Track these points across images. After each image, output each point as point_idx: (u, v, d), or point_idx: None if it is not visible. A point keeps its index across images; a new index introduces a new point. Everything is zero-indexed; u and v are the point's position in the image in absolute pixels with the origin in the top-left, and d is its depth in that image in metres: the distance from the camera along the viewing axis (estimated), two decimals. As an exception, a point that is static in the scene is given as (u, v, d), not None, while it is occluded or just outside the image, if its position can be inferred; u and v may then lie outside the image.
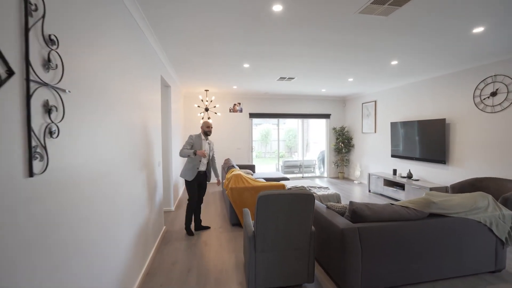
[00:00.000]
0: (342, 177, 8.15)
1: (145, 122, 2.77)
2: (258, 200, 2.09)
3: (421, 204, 2.44)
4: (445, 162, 4.75)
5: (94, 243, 1.52)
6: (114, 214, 1.84)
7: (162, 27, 2.83)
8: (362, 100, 7.38)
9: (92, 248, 1.50)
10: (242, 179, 4.05)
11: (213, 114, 7.31)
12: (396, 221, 2.33)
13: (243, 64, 4.29)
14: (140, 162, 2.56)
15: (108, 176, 1.75)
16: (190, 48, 3.50)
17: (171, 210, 4.71)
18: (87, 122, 1.46)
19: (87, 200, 1.45)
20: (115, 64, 1.90)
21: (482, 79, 4.19)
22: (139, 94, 2.56)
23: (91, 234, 1.49)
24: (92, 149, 1.52)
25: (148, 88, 2.94)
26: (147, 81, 2.90)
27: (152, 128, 3.13)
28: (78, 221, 1.34)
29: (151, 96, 3.07)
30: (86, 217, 1.43)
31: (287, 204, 2.13)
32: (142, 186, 2.61)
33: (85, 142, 1.44)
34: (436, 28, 2.85)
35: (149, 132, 2.94)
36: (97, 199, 1.57)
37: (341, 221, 2.31)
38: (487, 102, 4.13)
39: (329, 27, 2.83)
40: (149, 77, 2.98)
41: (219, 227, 3.92)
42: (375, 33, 2.99)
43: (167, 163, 4.64)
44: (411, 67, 4.42)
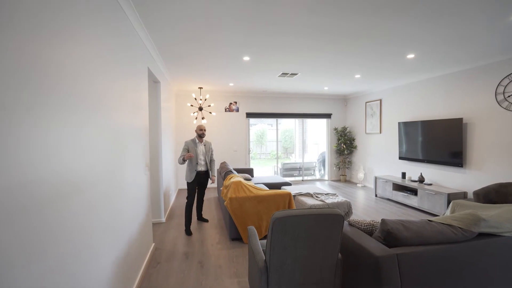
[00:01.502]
0: (344, 180, 7.74)
1: (128, 124, 2.25)
2: (273, 223, 1.61)
3: (467, 222, 2.00)
4: (462, 165, 4.37)
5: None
6: (87, 248, 1.33)
7: (149, 10, 2.32)
8: (366, 99, 6.98)
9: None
10: (242, 187, 3.56)
11: (208, 113, 6.79)
12: (441, 244, 1.89)
13: (242, 57, 3.80)
14: (122, 170, 2.05)
15: (83, 191, 1.24)
16: (182, 35, 3.00)
17: (162, 221, 4.18)
18: (54, 125, 0.95)
19: (54, 224, 0.94)
20: (81, 48, 1.39)
21: (506, 75, 3.81)
22: (120, 89, 2.04)
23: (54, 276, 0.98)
24: (58, 157, 1.01)
25: (132, 82, 2.43)
26: (130, 72, 2.39)
27: (138, 130, 2.61)
28: (36, 262, 0.83)
29: (136, 92, 2.55)
30: (44, 253, 0.92)
31: (310, 227, 1.65)
32: (125, 198, 2.09)
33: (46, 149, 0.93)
34: (466, 14, 2.43)
35: (134, 135, 2.43)
36: (67, 222, 1.06)
37: (373, 245, 1.85)
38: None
39: (344, 10, 2.37)
40: (133, 68, 2.46)
41: (217, 243, 3.42)
42: (394, 19, 2.54)
43: (156, 169, 4.11)
44: (428, 61, 4.01)
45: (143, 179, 2.86)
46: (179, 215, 4.58)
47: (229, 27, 2.74)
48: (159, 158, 4.12)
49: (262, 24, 2.68)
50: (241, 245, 3.34)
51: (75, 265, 1.29)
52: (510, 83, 3.77)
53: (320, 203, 3.92)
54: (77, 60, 1.35)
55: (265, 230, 3.48)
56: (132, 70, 2.44)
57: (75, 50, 1.33)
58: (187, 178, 3.87)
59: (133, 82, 2.50)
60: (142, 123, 2.86)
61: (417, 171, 5.32)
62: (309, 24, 2.68)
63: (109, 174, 1.80)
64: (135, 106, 2.53)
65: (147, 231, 2.98)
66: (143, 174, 2.85)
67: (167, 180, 4.72)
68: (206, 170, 3.99)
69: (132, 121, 2.45)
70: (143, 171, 2.86)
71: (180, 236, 3.63)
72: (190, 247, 3.30)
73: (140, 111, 2.78)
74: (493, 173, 4.01)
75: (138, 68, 2.68)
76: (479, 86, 4.16)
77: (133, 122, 2.47)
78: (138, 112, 2.69)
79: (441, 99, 4.81)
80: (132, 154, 2.43)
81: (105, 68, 1.77)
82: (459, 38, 3.08)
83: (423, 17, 2.52)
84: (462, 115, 4.42)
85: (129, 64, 2.36)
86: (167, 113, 4.93)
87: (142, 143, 2.84)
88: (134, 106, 2.49)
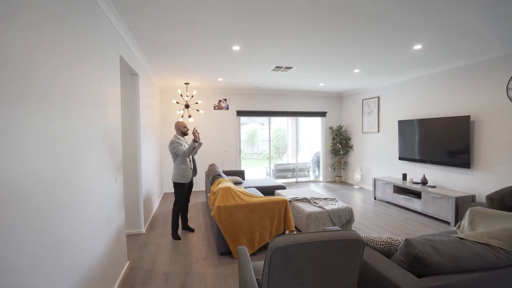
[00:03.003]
0: (339, 181, 7.40)
1: (90, 123, 1.78)
2: (271, 254, 1.18)
3: (508, 240, 1.62)
4: (469, 166, 4.06)
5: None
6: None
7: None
8: (363, 97, 6.65)
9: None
10: (232, 194, 3.12)
11: (195, 111, 6.30)
12: (482, 271, 1.50)
13: (232, 46, 3.36)
14: (79, 179, 1.57)
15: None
16: (161, 18, 2.53)
17: (141, 232, 3.69)
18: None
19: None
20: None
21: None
22: (73, 80, 1.57)
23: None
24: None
25: (96, 72, 1.95)
26: (91, 60, 1.91)
27: (106, 130, 2.14)
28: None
29: (102, 85, 2.07)
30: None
31: (321, 257, 1.23)
32: (83, 213, 1.62)
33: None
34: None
35: (99, 136, 1.95)
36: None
37: (398, 275, 1.44)
38: (526, 95, 3.45)
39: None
40: (97, 56, 1.98)
41: (203, 259, 2.97)
42: (404, 2, 2.17)
43: (134, 174, 3.61)
44: (436, 53, 3.66)
45: (114, 187, 2.39)
46: (162, 224, 4.10)
47: (217, 4, 2.29)
48: (138, 160, 3.62)
49: (254, 4, 2.25)
50: (231, 261, 2.90)
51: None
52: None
53: (319, 209, 3.52)
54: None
55: (258, 243, 3.05)
56: (95, 57, 1.96)
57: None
58: (181, 179, 3.45)
59: (98, 72, 2.02)
60: (113, 121, 2.38)
61: (419, 172, 5.00)
62: (307, 7, 2.27)
63: (54, 186, 1.33)
64: (101, 102, 2.05)
65: (119, 248, 2.50)
66: (113, 181, 2.38)
67: (148, 185, 4.23)
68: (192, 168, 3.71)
69: (97, 119, 1.97)
70: (113, 178, 2.38)
71: (161, 251, 3.16)
72: (172, 264, 2.84)
73: (110, 108, 2.30)
74: (504, 175, 3.71)
75: (105, 55, 2.20)
76: (488, 81, 3.85)
77: (98, 121, 1.99)
78: (107, 109, 2.21)
79: (446, 96, 4.50)
80: (96, 158, 1.96)
81: (54, 56, 1.30)
82: (473, 26, 2.73)
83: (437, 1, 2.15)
84: (469, 112, 4.10)
85: (91, 50, 1.88)
86: (148, 111, 4.43)
87: (112, 145, 2.36)
88: (99, 101, 2.02)
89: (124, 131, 3.45)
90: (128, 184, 3.54)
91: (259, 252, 3.10)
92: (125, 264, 2.69)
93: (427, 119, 4.72)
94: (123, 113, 3.43)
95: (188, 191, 3.69)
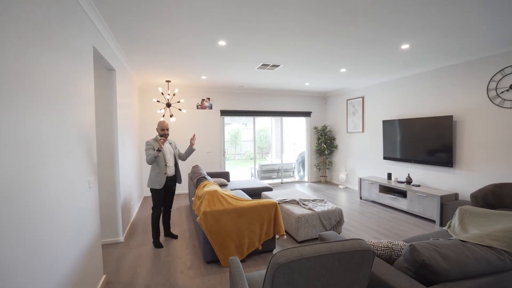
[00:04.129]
0: (324, 181, 7.39)
1: (55, 124, 1.53)
2: (274, 272, 1.03)
3: (510, 242, 1.58)
4: (451, 165, 4.14)
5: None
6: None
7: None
8: (347, 96, 6.68)
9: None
10: (218, 198, 2.93)
11: (177, 111, 6.02)
12: (489, 276, 1.44)
13: (218, 41, 3.17)
14: (38, 189, 1.33)
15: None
16: (142, 8, 2.30)
17: (119, 241, 3.40)
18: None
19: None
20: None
21: (498, 69, 3.60)
22: (27, 71, 1.33)
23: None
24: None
25: (63, 63, 1.70)
26: (59, 50, 1.66)
27: (77, 132, 1.88)
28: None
29: (71, 79, 1.82)
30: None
31: (329, 270, 1.10)
32: (45, 228, 1.38)
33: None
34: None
35: (67, 139, 1.70)
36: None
37: (407, 285, 1.34)
38: (506, 96, 3.55)
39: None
40: (65, 45, 1.73)
41: (188, 268, 2.76)
42: (393, 3, 2.11)
43: (111, 178, 3.33)
44: (423, 53, 3.67)
45: (88, 193, 2.13)
46: (142, 231, 3.82)
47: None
48: (115, 163, 3.34)
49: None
50: (218, 270, 2.72)
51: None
52: (503, 79, 3.57)
53: (309, 212, 3.42)
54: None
55: (247, 249, 2.89)
56: (65, 47, 1.71)
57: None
58: (153, 184, 3.22)
59: (68, 65, 1.76)
60: (86, 121, 2.12)
61: (404, 172, 5.06)
62: (297, 3, 2.15)
63: (13, 195, 1.09)
64: (72, 99, 1.80)
65: (94, 260, 2.24)
66: (86, 186, 2.12)
67: (127, 188, 3.94)
68: (174, 174, 3.45)
69: (67, 118, 1.72)
70: (86, 183, 2.12)
71: (141, 261, 2.91)
72: (154, 276, 2.61)
73: (83, 106, 2.04)
74: (485, 173, 3.81)
75: (76, 45, 1.94)
76: (470, 82, 3.95)
77: (68, 120, 1.74)
78: (79, 107, 1.95)
79: (429, 96, 4.57)
80: (67, 162, 1.70)
81: (14, 47, 1.06)
82: (456, 28, 2.74)
83: (423, 3, 2.11)
84: (452, 112, 4.19)
85: (60, 39, 1.63)
86: (127, 110, 4.13)
87: (85, 147, 2.10)
88: (70, 98, 1.76)
89: (100, 131, 3.16)
90: (104, 189, 3.26)
91: (248, 258, 2.94)
92: (101, 278, 2.43)
93: (411, 119, 4.78)
94: (99, 111, 3.14)
95: (168, 197, 3.44)
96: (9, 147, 1.15)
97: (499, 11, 2.42)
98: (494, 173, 3.70)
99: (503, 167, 3.60)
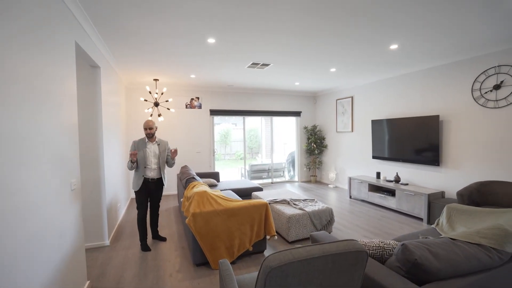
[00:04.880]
0: (314, 181, 7.43)
1: (33, 125, 1.44)
2: (266, 276, 0.99)
3: (498, 239, 1.60)
4: (438, 164, 4.22)
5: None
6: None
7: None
8: (337, 96, 6.72)
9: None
10: (208, 198, 2.87)
11: (165, 110, 5.90)
12: (479, 273, 1.45)
13: (207, 39, 3.10)
14: (32, 189, 1.24)
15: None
16: (127, 2, 2.21)
17: (105, 245, 3.29)
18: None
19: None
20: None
21: (482, 71, 3.70)
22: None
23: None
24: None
25: (42, 59, 1.60)
26: (41, 46, 1.56)
27: (60, 131, 1.78)
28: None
29: (51, 76, 1.72)
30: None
31: (322, 272, 1.07)
32: (34, 227, 1.29)
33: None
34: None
35: (45, 140, 1.60)
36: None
37: (399, 285, 1.33)
38: (489, 96, 3.64)
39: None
40: (46, 41, 1.63)
41: (177, 271, 2.69)
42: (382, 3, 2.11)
43: (96, 179, 3.21)
44: (411, 53, 3.72)
45: (70, 196, 2.02)
46: (130, 233, 3.71)
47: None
48: (100, 164, 3.22)
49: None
50: (208, 272, 2.66)
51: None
52: (486, 79, 3.67)
53: (300, 211, 3.40)
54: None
55: (238, 250, 2.84)
56: (45, 43, 1.61)
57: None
58: (133, 186, 3.20)
59: (48, 61, 1.66)
60: (68, 120, 2.02)
61: (392, 171, 5.14)
62: (288, 1, 2.12)
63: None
64: (53, 97, 1.70)
65: (77, 266, 2.14)
66: (68, 189, 2.01)
67: (113, 190, 3.81)
68: (160, 177, 3.30)
69: (47, 118, 1.62)
70: (68, 185, 2.02)
71: (128, 265, 2.81)
72: (141, 280, 2.52)
73: (65, 104, 1.94)
74: (470, 172, 3.90)
75: (57, 40, 1.84)
76: (456, 82, 4.03)
77: (48, 119, 1.64)
78: (60, 106, 1.85)
79: (417, 96, 4.65)
80: (47, 164, 1.61)
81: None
82: (446, 27, 2.79)
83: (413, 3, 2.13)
84: (439, 112, 4.27)
85: (40, 34, 1.53)
86: (113, 109, 4.00)
87: (68, 148, 2.00)
88: (50, 96, 1.66)
89: (84, 131, 3.05)
90: (88, 191, 3.14)
91: (238, 260, 2.89)
92: (85, 284, 2.33)
93: (399, 119, 4.85)
94: (83, 110, 3.02)
95: (152, 199, 3.34)
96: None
97: (481, 14, 2.47)
98: (479, 172, 3.80)
99: (487, 166, 3.70)
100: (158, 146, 3.29)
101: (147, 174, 3.18)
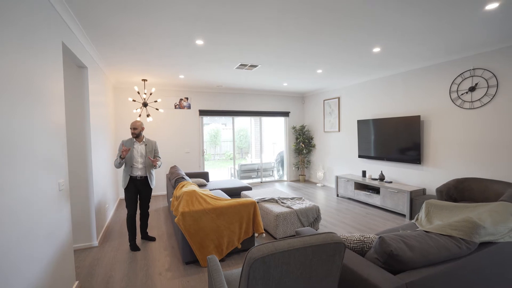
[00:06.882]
0: (303, 180, 7.56)
1: (28, 122, 1.45)
2: (250, 267, 1.06)
3: (467, 231, 1.73)
4: (420, 162, 4.41)
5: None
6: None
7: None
8: (324, 97, 6.87)
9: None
10: (197, 198, 2.92)
11: (154, 110, 5.89)
12: (449, 262, 1.57)
13: (195, 40, 3.15)
14: (19, 189, 1.27)
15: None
16: (115, 2, 2.23)
17: (93, 245, 3.28)
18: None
19: None
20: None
21: (459, 73, 3.90)
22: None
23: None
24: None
25: (30, 59, 1.61)
26: (28, 47, 1.58)
27: (48, 131, 1.79)
28: None
29: (36, 75, 1.73)
30: None
31: (303, 264, 1.15)
32: (21, 228, 1.31)
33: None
34: (442, 4, 2.24)
35: (31, 141, 1.62)
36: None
37: (375, 274, 1.43)
38: (465, 98, 3.84)
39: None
40: (33, 42, 1.65)
41: (166, 270, 2.72)
42: (368, 6, 2.23)
43: (84, 180, 3.20)
44: (393, 56, 3.88)
45: (57, 196, 2.03)
46: (118, 233, 3.70)
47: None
48: (88, 164, 3.21)
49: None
50: (198, 270, 2.71)
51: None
52: (462, 82, 3.87)
53: (287, 209, 3.49)
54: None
55: (227, 248, 2.90)
56: (33, 44, 1.63)
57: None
58: (122, 183, 3.29)
59: (35, 61, 1.68)
60: (55, 120, 2.03)
61: (377, 169, 5.31)
62: (276, 3, 2.20)
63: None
64: (40, 97, 1.72)
65: (65, 266, 2.15)
66: (56, 189, 2.02)
67: (101, 190, 3.79)
68: (146, 176, 3.31)
69: (35, 118, 1.64)
70: (56, 185, 2.03)
71: (117, 265, 2.83)
72: (131, 280, 2.54)
73: (52, 105, 1.95)
74: (449, 169, 4.09)
75: (44, 41, 1.85)
76: (435, 84, 4.23)
77: (36, 120, 1.66)
78: (47, 106, 1.86)
79: (400, 97, 4.84)
80: (34, 164, 1.62)
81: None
82: (427, 31, 2.94)
83: (396, 5, 2.25)
84: (420, 112, 4.46)
85: (26, 34, 1.54)
86: (101, 109, 3.98)
87: (55, 148, 2.01)
88: (38, 96, 1.68)
89: (71, 131, 3.04)
90: (76, 191, 3.13)
91: (227, 258, 2.95)
92: (73, 285, 2.33)
93: (383, 119, 5.02)
94: (70, 110, 3.02)
95: (141, 199, 3.35)
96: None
97: (454, 21, 2.62)
98: (457, 169, 4.00)
99: (464, 163, 3.90)
100: (145, 146, 3.31)
101: (133, 173, 3.23)
